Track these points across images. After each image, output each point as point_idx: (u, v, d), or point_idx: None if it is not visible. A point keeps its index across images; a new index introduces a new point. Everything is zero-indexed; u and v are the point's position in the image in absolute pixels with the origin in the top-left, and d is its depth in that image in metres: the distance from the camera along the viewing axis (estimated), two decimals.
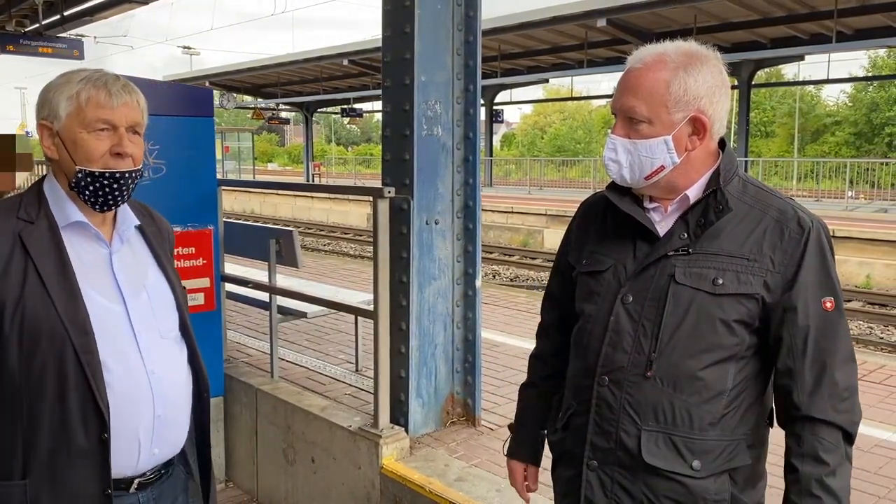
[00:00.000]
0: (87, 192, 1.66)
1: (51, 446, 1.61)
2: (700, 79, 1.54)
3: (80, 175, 1.65)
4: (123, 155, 1.66)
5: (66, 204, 1.69)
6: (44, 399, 1.59)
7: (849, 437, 1.54)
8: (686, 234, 1.58)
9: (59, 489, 1.63)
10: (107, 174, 1.65)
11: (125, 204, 1.76)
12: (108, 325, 1.65)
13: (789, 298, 1.53)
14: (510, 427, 2.01)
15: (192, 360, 1.86)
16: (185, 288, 1.94)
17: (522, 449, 1.96)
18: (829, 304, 1.54)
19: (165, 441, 1.76)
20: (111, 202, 1.69)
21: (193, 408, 1.85)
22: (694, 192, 1.61)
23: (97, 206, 1.69)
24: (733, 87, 20.59)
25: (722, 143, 1.64)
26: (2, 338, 1.58)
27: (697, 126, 1.56)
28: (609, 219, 1.72)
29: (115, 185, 1.67)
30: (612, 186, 1.68)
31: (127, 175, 1.68)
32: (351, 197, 25.38)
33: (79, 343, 1.59)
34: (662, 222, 1.63)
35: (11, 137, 3.50)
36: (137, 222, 1.81)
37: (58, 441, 1.61)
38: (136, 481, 1.74)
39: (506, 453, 1.99)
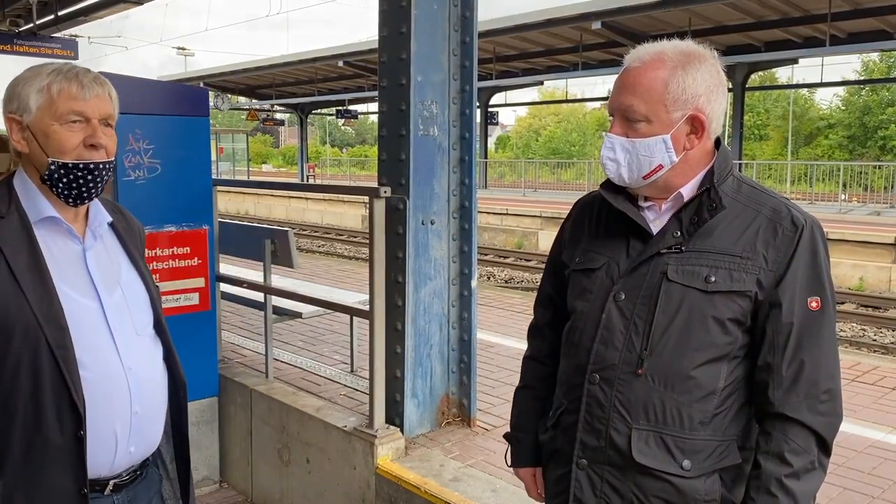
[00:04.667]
0: (60, 185, 1.64)
1: (25, 444, 1.58)
2: (698, 77, 1.54)
3: (52, 167, 1.63)
4: (97, 146, 1.65)
5: (38, 199, 1.66)
6: (18, 396, 1.56)
7: (823, 444, 1.52)
8: (679, 232, 1.58)
9: (33, 488, 1.60)
10: (80, 165, 1.63)
11: (97, 201, 1.75)
12: (84, 320, 1.63)
13: (776, 294, 1.52)
14: (507, 436, 1.96)
15: (168, 358, 1.83)
16: (158, 286, 1.92)
17: (527, 455, 1.91)
18: (814, 304, 1.53)
19: (142, 439, 1.73)
20: (84, 195, 1.67)
21: (170, 405, 1.83)
22: (688, 191, 1.61)
23: (70, 200, 1.67)
24: (727, 90, 20.67)
25: (717, 143, 1.65)
26: None
27: (696, 125, 1.56)
28: (603, 217, 1.72)
29: (90, 177, 1.65)
30: (607, 184, 1.68)
31: (101, 166, 1.66)
32: (346, 198, 25.35)
33: (53, 338, 1.57)
34: (656, 220, 1.63)
35: None
36: (110, 219, 1.79)
37: (32, 439, 1.58)
38: (112, 482, 1.71)
39: (511, 464, 1.94)
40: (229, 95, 33.94)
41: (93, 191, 1.67)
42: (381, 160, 3.77)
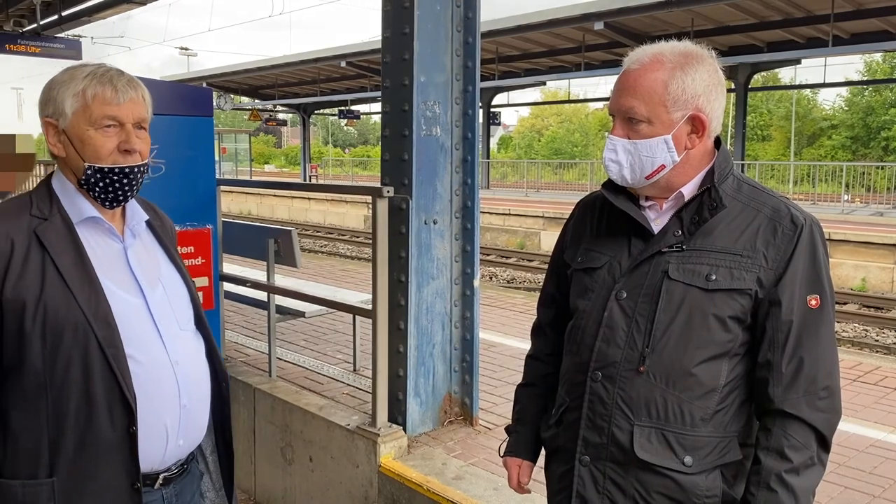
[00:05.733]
0: (97, 189, 1.68)
1: (77, 442, 1.61)
2: (697, 77, 1.56)
3: (89, 172, 1.67)
4: (131, 151, 1.68)
5: (78, 200, 1.70)
6: (69, 394, 1.59)
7: (822, 440, 1.54)
8: (680, 231, 1.60)
9: (86, 485, 1.62)
10: (116, 170, 1.67)
11: (133, 200, 1.79)
12: (130, 317, 1.67)
13: (776, 292, 1.54)
14: (507, 429, 2.00)
15: (210, 352, 1.88)
16: (194, 282, 1.96)
17: (522, 447, 1.94)
18: (813, 302, 1.55)
19: (189, 432, 1.78)
20: (121, 197, 1.71)
21: (213, 399, 1.87)
22: (689, 190, 1.62)
23: (107, 203, 1.71)
24: (730, 91, 20.70)
25: (717, 142, 1.66)
26: (23, 337, 1.57)
27: (696, 124, 1.58)
28: (605, 217, 1.74)
29: (126, 181, 1.69)
30: (608, 184, 1.70)
31: (136, 170, 1.70)
32: (348, 198, 25.38)
33: (103, 336, 1.60)
34: (657, 219, 1.65)
35: (12, 137, 3.50)
36: (147, 217, 1.83)
37: (84, 436, 1.61)
38: (162, 476, 1.75)
39: (503, 453, 1.97)
40: (232, 95, 33.99)
41: (128, 193, 1.72)
42: (384, 160, 3.78)
